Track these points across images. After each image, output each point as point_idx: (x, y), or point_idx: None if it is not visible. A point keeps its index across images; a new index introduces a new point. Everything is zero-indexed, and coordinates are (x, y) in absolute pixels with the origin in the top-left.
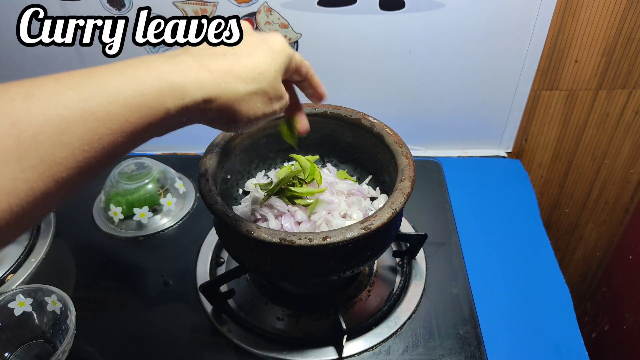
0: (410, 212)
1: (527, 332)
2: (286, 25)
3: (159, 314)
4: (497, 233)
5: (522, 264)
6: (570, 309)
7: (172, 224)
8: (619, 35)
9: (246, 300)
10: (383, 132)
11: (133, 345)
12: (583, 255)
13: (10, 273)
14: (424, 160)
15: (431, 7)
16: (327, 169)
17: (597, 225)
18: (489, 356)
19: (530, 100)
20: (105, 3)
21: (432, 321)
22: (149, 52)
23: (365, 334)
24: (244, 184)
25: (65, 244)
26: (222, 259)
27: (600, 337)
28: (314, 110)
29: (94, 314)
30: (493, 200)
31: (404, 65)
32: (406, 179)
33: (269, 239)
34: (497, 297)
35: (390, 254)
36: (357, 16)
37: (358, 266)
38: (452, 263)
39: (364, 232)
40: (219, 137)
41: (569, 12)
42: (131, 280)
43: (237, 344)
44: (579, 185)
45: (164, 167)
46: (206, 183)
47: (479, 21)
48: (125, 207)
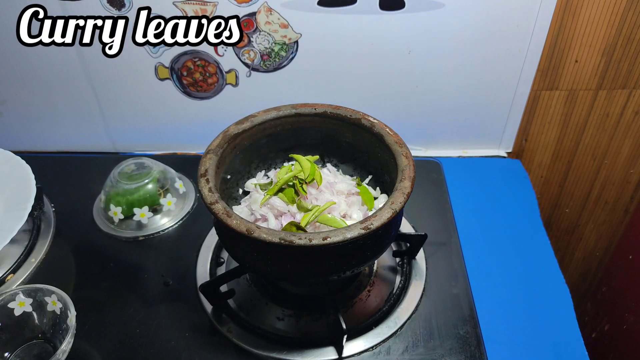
0: (410, 212)
1: (527, 332)
2: (286, 25)
3: (159, 314)
4: (497, 233)
5: (522, 264)
6: (570, 309)
7: (172, 224)
8: (619, 35)
9: (246, 300)
10: (383, 132)
11: (133, 345)
12: (583, 255)
13: (10, 273)
14: (424, 160)
15: (431, 7)
16: (327, 169)
17: (597, 225)
18: (489, 356)
19: (530, 100)
20: (105, 3)
21: (432, 321)
22: (149, 52)
23: (365, 334)
24: (244, 184)
25: (65, 244)
26: (222, 259)
27: (600, 337)
28: (314, 110)
29: (94, 314)
30: (493, 200)
31: (404, 65)
32: (406, 179)
33: (269, 239)
34: (497, 297)
35: (390, 254)
36: (357, 16)
37: (358, 266)
38: (452, 263)
39: (364, 232)
40: (219, 137)
41: (569, 12)
42: (131, 280)
43: (237, 344)
44: (579, 185)
45: (164, 167)
46: (206, 183)
47: (479, 21)
48: (125, 207)
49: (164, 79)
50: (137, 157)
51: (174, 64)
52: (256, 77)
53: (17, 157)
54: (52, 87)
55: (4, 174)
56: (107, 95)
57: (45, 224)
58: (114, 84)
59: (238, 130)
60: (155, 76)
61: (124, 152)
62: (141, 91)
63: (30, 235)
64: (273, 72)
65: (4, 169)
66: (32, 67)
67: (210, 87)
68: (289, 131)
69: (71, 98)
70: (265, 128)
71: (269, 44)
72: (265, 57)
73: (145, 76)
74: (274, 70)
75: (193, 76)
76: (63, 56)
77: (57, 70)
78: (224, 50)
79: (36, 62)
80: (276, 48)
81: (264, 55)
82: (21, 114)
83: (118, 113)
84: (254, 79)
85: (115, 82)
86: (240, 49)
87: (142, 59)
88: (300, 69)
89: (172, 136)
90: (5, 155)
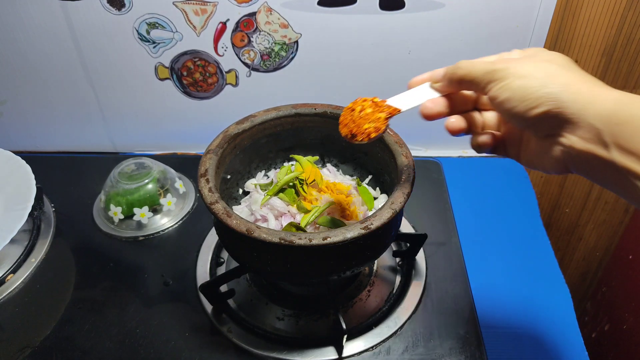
0: (410, 212)
1: (527, 332)
2: (286, 25)
3: (159, 314)
4: (497, 233)
5: (522, 264)
6: (570, 309)
7: (172, 224)
8: (619, 35)
9: (246, 300)
10: None
11: (133, 345)
12: (583, 255)
13: (10, 273)
14: (424, 160)
15: (431, 7)
16: (327, 169)
17: (597, 225)
18: (489, 356)
19: None
20: (105, 3)
21: (432, 321)
22: (149, 52)
23: (365, 334)
24: (244, 184)
25: (65, 244)
26: (222, 259)
27: (600, 337)
28: (314, 110)
29: (94, 314)
30: (493, 200)
31: (404, 65)
32: (406, 179)
33: (269, 239)
34: (497, 297)
35: (390, 254)
36: (357, 16)
37: (358, 266)
38: (452, 263)
39: (364, 232)
40: (219, 137)
41: (569, 12)
42: (131, 280)
43: (237, 344)
44: (579, 185)
45: (164, 167)
46: (206, 183)
47: (479, 21)
48: (125, 207)
49: (164, 79)
50: (137, 157)
51: (174, 64)
52: (256, 77)
53: (17, 157)
54: (52, 87)
55: (4, 174)
56: (107, 95)
57: (45, 224)
58: (114, 83)
59: (238, 130)
60: (155, 76)
61: (124, 152)
62: (141, 91)
63: (30, 235)
64: (273, 72)
65: (4, 169)
66: (32, 67)
67: (210, 87)
68: (289, 131)
69: (71, 98)
70: (265, 128)
71: (269, 44)
72: (265, 57)
73: (145, 76)
74: (274, 70)
75: (193, 76)
76: (63, 56)
77: (57, 70)
78: (224, 50)
79: (36, 62)
80: (276, 48)
81: (264, 55)
82: (21, 114)
83: (118, 113)
84: (254, 79)
85: (115, 82)
86: (240, 49)
87: (142, 59)
88: (300, 69)
89: (172, 136)
90: (5, 155)
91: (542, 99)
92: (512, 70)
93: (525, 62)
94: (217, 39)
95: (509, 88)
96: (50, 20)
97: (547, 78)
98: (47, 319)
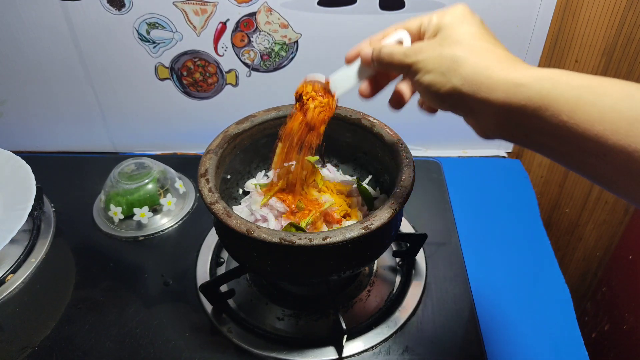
0: (410, 212)
1: (527, 332)
2: (286, 25)
3: (159, 314)
4: (497, 233)
5: (522, 264)
6: (570, 309)
7: (172, 224)
8: (619, 35)
9: (246, 300)
10: (383, 132)
11: (133, 345)
12: (583, 255)
13: (10, 273)
14: (424, 160)
15: (431, 7)
16: (327, 169)
17: (597, 225)
18: (489, 356)
19: None
20: (105, 3)
21: (432, 321)
22: (149, 52)
23: (365, 334)
24: (244, 184)
25: (65, 244)
26: (222, 259)
27: (600, 337)
28: None
29: (94, 314)
30: (493, 200)
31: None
32: (406, 179)
33: (269, 239)
34: (497, 297)
35: (390, 254)
36: (357, 16)
37: (358, 266)
38: (452, 263)
39: (364, 232)
40: (219, 137)
41: (569, 12)
42: (131, 280)
43: (237, 344)
44: (579, 185)
45: (164, 167)
46: (206, 183)
47: None
48: (125, 207)
49: (164, 79)
50: (137, 157)
51: (174, 64)
52: (256, 77)
53: (17, 157)
54: (52, 87)
55: (4, 174)
56: (107, 95)
57: (45, 224)
58: (114, 83)
59: (238, 130)
60: (155, 76)
61: (124, 152)
62: (141, 91)
63: (30, 235)
64: (273, 72)
65: (4, 169)
66: (32, 67)
67: (210, 87)
68: None
69: (71, 98)
70: (265, 128)
71: (269, 44)
72: (265, 57)
73: (145, 76)
74: (274, 70)
75: (193, 76)
76: (63, 56)
77: (57, 70)
78: (224, 50)
79: (36, 62)
80: (276, 48)
81: (264, 55)
82: (21, 114)
83: (118, 113)
84: (254, 79)
85: (115, 82)
86: (240, 49)
87: (142, 59)
88: (300, 69)
89: (172, 136)
90: (5, 155)
91: (447, 96)
92: (421, 65)
93: (433, 50)
94: (217, 39)
95: (421, 83)
96: (50, 20)
97: (450, 72)
98: (47, 319)
